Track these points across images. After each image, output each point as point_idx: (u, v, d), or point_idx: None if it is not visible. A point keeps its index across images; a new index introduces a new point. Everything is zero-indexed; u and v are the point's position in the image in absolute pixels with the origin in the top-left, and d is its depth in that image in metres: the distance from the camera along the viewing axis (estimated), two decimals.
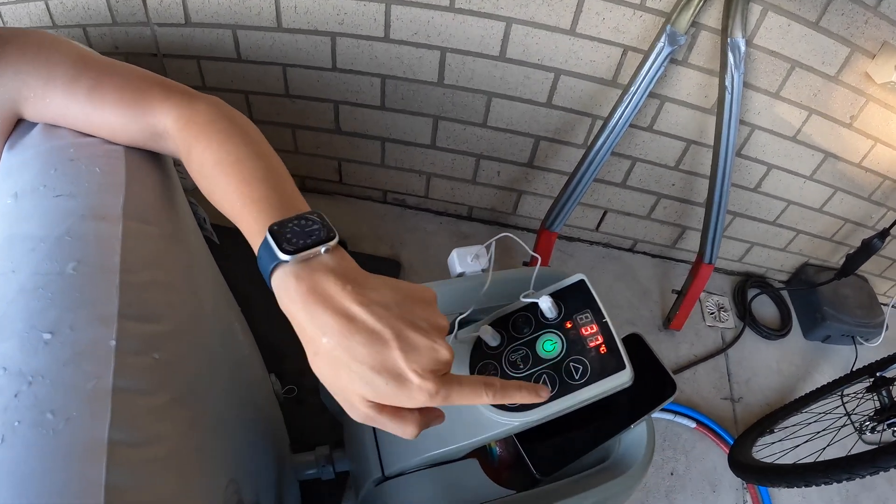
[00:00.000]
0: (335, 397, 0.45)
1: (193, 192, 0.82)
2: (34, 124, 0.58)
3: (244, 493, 0.63)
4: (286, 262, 0.44)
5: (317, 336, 0.43)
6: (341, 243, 0.47)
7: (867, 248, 1.47)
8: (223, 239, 0.90)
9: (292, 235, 0.45)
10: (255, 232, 0.48)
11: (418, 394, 0.43)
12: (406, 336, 0.43)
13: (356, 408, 0.44)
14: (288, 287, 0.44)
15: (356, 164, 1.62)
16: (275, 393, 1.03)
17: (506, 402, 0.50)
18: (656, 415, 1.48)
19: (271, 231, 0.45)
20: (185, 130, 0.55)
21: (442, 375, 0.44)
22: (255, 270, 0.47)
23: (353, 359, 0.42)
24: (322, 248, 0.45)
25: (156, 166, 0.62)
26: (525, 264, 1.65)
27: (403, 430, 0.46)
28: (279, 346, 1.31)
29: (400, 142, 1.52)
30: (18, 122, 0.58)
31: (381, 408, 0.44)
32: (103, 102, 0.55)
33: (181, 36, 1.32)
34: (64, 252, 0.47)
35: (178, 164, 0.74)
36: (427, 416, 0.47)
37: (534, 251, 1.53)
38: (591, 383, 0.59)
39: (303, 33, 1.29)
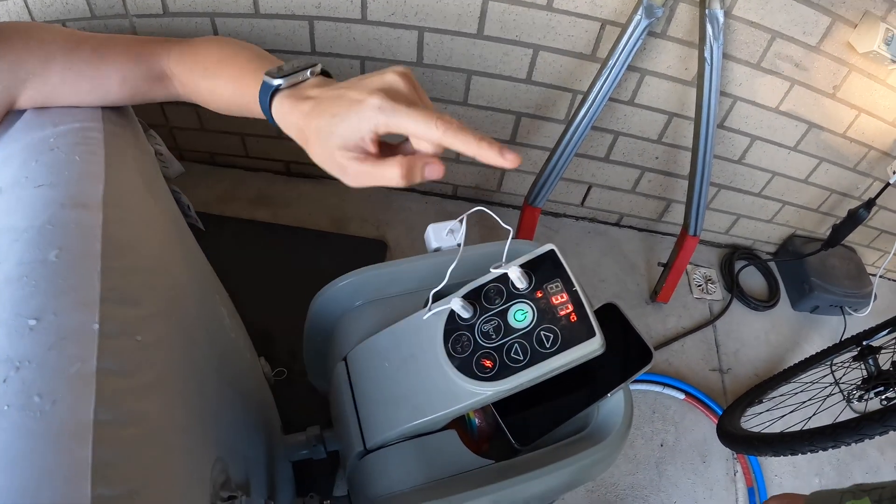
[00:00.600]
0: (331, 173, 0.51)
1: (176, 180, 0.83)
2: (18, 117, 0.59)
3: (232, 472, 0.63)
4: (280, 86, 0.52)
5: (303, 125, 0.51)
6: (324, 73, 0.55)
7: (853, 219, 1.48)
8: (212, 226, 0.92)
9: (282, 70, 0.53)
10: (255, 88, 0.55)
11: (368, 106, 0.47)
12: (357, 84, 0.49)
13: (343, 166, 0.50)
14: (283, 104, 0.52)
15: None
16: (265, 375, 1.03)
17: (457, 144, 0.47)
18: (645, 387, 1.49)
19: (267, 73, 0.53)
20: (186, 55, 0.61)
21: (393, 96, 0.48)
22: (244, 255, 0.50)
23: (320, 117, 0.49)
24: (308, 72, 0.53)
25: (135, 155, 0.63)
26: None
27: (388, 175, 0.49)
28: (269, 329, 1.32)
29: None
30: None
31: (364, 157, 0.49)
32: (112, 54, 0.60)
33: (160, 26, 1.31)
34: (46, 240, 0.48)
35: (159, 154, 0.75)
36: (410, 162, 0.49)
37: (518, 227, 1.53)
38: (561, 351, 0.59)
39: (280, 18, 1.28)
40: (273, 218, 1.59)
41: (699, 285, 1.76)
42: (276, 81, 0.52)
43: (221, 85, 0.59)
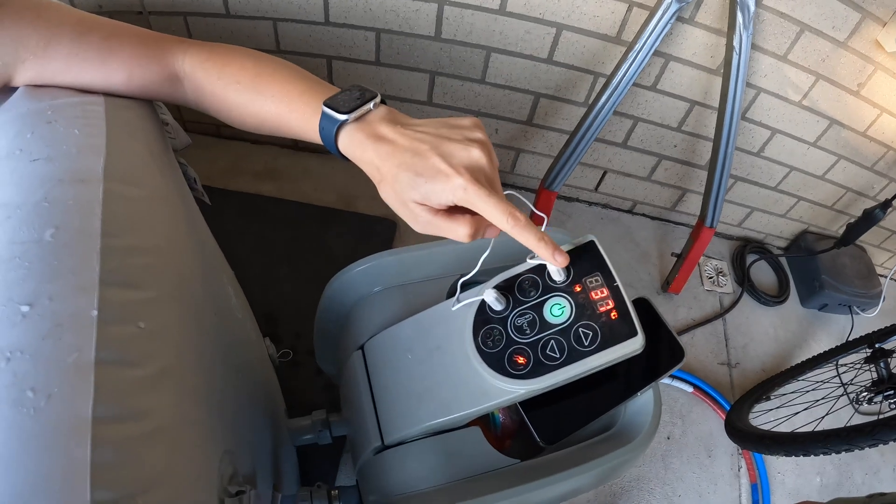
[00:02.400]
0: (400, 215, 0.54)
1: (182, 152, 0.79)
2: (11, 91, 0.55)
3: (240, 465, 0.60)
4: (346, 121, 0.53)
5: (380, 165, 0.52)
6: (382, 101, 0.57)
7: (868, 218, 1.46)
8: (216, 200, 0.87)
9: (343, 103, 0.54)
10: (309, 115, 0.56)
11: (454, 184, 0.50)
12: (441, 145, 0.51)
13: (415, 214, 0.53)
14: (354, 138, 0.54)
15: None
16: (270, 357, 1.00)
17: (520, 239, 0.53)
18: None
19: (326, 104, 0.54)
20: (209, 62, 0.59)
21: (477, 177, 0.51)
22: (248, 231, 0.45)
23: (403, 169, 0.51)
24: (371, 104, 0.55)
25: (141, 126, 0.60)
26: None
27: (457, 232, 0.53)
28: (273, 309, 1.29)
29: (395, 98, 1.48)
30: None
31: (436, 212, 0.52)
32: (121, 46, 0.57)
33: None
34: (41, 218, 0.44)
35: (165, 124, 0.71)
36: (478, 223, 0.54)
37: (532, 211, 1.50)
38: (601, 350, 0.56)
39: None
40: (278, 193, 1.55)
41: (710, 277, 1.74)
42: (342, 116, 0.53)
43: (260, 102, 0.58)
